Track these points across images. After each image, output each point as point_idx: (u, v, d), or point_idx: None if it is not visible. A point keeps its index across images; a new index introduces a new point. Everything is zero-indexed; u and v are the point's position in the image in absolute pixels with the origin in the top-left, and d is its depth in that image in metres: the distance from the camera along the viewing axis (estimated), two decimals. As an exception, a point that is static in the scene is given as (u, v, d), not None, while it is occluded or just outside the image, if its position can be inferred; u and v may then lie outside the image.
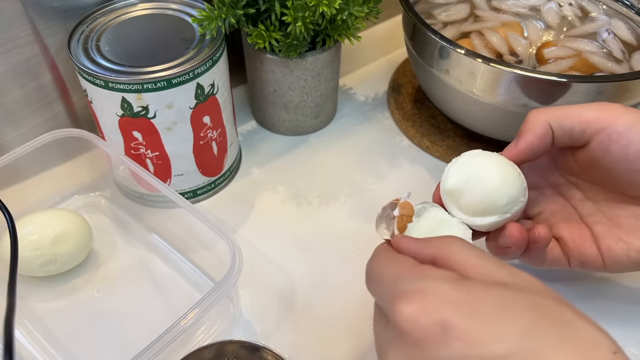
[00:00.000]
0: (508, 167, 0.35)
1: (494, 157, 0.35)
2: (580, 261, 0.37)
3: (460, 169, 0.35)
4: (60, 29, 0.46)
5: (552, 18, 0.53)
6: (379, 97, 0.61)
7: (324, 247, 0.46)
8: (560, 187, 0.39)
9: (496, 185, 0.34)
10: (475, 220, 0.35)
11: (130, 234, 0.47)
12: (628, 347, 0.40)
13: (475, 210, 0.35)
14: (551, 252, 0.37)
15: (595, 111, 0.34)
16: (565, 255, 0.37)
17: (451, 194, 0.35)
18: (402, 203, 0.34)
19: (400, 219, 0.34)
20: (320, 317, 0.41)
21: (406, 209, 0.34)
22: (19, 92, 0.47)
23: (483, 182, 0.34)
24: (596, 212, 0.38)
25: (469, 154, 0.36)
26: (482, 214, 0.35)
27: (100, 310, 0.42)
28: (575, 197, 0.39)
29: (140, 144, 0.44)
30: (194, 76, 0.41)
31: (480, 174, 0.34)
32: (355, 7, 0.45)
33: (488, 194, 0.34)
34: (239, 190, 0.51)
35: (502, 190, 0.34)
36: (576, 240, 0.37)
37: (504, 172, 0.34)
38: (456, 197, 0.35)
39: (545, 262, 0.37)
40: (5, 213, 0.36)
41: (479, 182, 0.34)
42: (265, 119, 0.56)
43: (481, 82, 0.45)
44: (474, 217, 0.35)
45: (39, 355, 0.39)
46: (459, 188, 0.35)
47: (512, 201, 0.34)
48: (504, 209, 0.34)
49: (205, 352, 0.34)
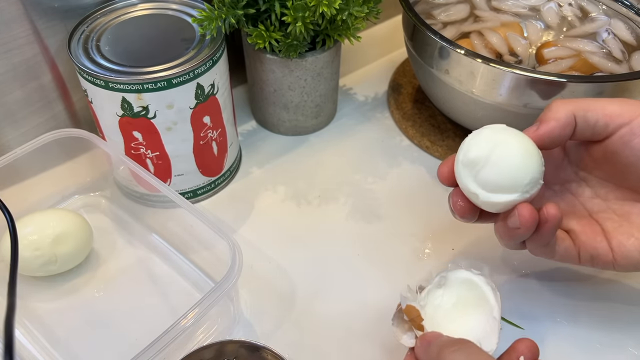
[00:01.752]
0: (531, 146, 0.33)
1: (519, 135, 0.34)
2: (590, 255, 0.36)
3: (485, 140, 0.33)
4: (61, 29, 0.46)
5: (551, 18, 0.53)
6: (379, 97, 0.61)
7: (324, 247, 0.46)
8: (570, 184, 0.39)
9: (520, 163, 0.32)
10: (492, 197, 0.33)
11: (131, 234, 0.47)
12: (628, 347, 0.40)
13: (494, 186, 0.33)
14: (562, 243, 0.36)
15: (619, 106, 0.34)
16: (576, 247, 0.36)
17: (472, 165, 0.33)
18: (405, 310, 0.34)
19: (413, 323, 0.34)
20: (320, 317, 0.41)
21: (412, 312, 0.34)
22: (19, 92, 0.47)
23: (508, 158, 0.32)
24: (606, 209, 0.37)
25: (493, 128, 0.34)
26: (501, 190, 0.33)
27: (100, 310, 0.42)
28: (585, 194, 0.38)
29: (141, 144, 0.44)
30: (194, 76, 0.41)
31: (505, 148, 0.33)
32: (355, 7, 0.45)
33: (511, 170, 0.33)
34: (239, 190, 0.51)
35: (526, 169, 0.33)
36: (587, 234, 0.36)
37: (528, 150, 0.33)
38: (476, 169, 0.33)
39: (556, 254, 0.36)
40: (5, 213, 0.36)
41: (503, 156, 0.32)
42: (265, 119, 0.56)
43: (481, 82, 0.45)
44: (492, 194, 0.33)
45: (39, 355, 0.39)
46: (481, 160, 0.33)
47: (534, 181, 0.33)
48: (525, 188, 0.33)
49: (205, 352, 0.34)
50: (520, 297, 0.42)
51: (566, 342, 0.40)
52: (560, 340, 0.40)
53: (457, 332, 0.33)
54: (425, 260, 0.45)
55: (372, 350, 0.39)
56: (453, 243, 0.46)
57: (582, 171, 0.38)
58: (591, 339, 0.40)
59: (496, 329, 0.34)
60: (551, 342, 0.40)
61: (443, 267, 0.44)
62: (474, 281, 0.35)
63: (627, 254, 0.35)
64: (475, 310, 0.34)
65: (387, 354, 0.39)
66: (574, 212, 0.38)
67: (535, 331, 0.40)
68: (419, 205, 0.49)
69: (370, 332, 0.40)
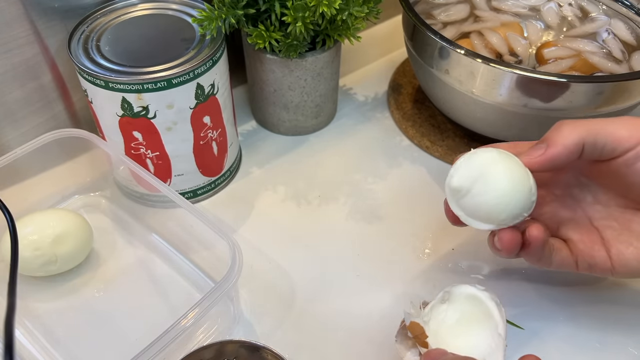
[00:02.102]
0: (520, 179, 0.33)
1: (509, 165, 0.34)
2: (588, 264, 0.36)
3: (469, 171, 0.34)
4: (61, 29, 0.46)
5: (551, 18, 0.53)
6: (379, 97, 0.61)
7: (324, 247, 0.46)
8: (572, 188, 0.39)
9: (499, 200, 0.33)
10: (472, 222, 0.35)
11: (131, 234, 0.47)
12: (628, 347, 0.40)
13: (473, 214, 0.35)
14: (559, 253, 0.37)
15: (627, 129, 0.33)
16: (574, 257, 0.37)
17: (454, 192, 0.35)
18: (409, 326, 0.34)
19: (417, 340, 0.33)
20: (320, 317, 0.41)
21: (416, 329, 0.34)
22: (19, 92, 0.47)
23: (486, 194, 0.33)
24: (607, 217, 0.37)
25: (482, 155, 0.34)
26: (479, 219, 0.35)
27: (100, 310, 0.42)
28: (586, 199, 0.38)
29: (141, 144, 0.44)
30: (194, 76, 0.41)
31: (486, 182, 0.33)
32: (355, 7, 0.45)
33: (489, 206, 0.33)
34: (239, 190, 0.51)
35: (504, 206, 0.33)
36: (585, 242, 0.37)
37: (513, 186, 0.33)
38: (458, 196, 0.35)
39: (553, 264, 0.37)
40: (5, 213, 0.36)
41: (483, 191, 0.33)
42: (265, 119, 0.56)
43: (481, 82, 0.45)
44: (472, 219, 0.35)
45: (39, 355, 0.39)
46: (462, 190, 0.34)
47: (512, 216, 0.34)
48: (501, 222, 0.34)
49: (205, 352, 0.34)
50: (520, 297, 0.42)
51: (566, 342, 0.40)
52: (560, 340, 0.40)
53: (462, 349, 0.32)
54: (425, 260, 0.45)
55: (372, 350, 0.39)
56: (453, 243, 0.46)
57: (584, 177, 0.38)
58: (591, 339, 0.40)
59: (501, 346, 0.33)
60: (551, 342, 0.40)
61: (443, 267, 0.45)
62: (479, 297, 0.35)
63: (626, 263, 0.35)
64: (480, 326, 0.34)
65: (387, 354, 0.39)
66: (574, 220, 0.38)
67: (535, 331, 0.40)
68: (419, 205, 0.49)
69: (370, 332, 0.40)
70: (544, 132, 0.36)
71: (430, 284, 0.43)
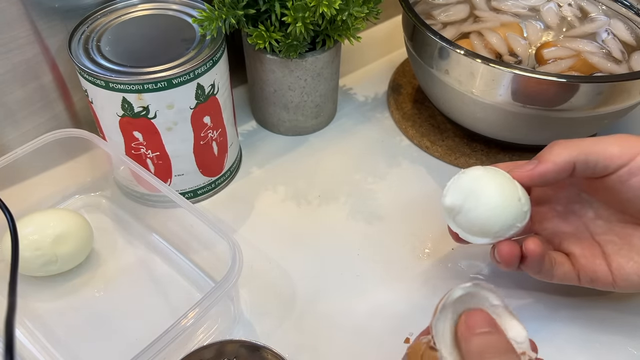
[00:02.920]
0: (509, 191, 0.35)
1: (496, 179, 0.35)
2: (590, 277, 0.37)
3: (460, 189, 0.36)
4: (61, 29, 0.46)
5: (551, 18, 0.53)
6: (379, 97, 0.61)
7: (324, 247, 0.46)
8: (573, 205, 0.39)
9: (490, 213, 0.35)
10: (469, 237, 0.37)
11: (131, 234, 0.47)
12: (628, 347, 0.40)
13: (470, 229, 0.36)
14: (561, 267, 0.38)
15: (619, 146, 0.34)
16: (576, 270, 0.38)
17: (449, 210, 0.37)
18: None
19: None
20: (320, 316, 0.41)
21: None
22: (19, 92, 0.47)
23: (479, 207, 0.35)
24: (608, 231, 0.38)
25: (471, 173, 0.36)
26: (474, 234, 0.36)
27: (100, 310, 0.42)
28: (587, 215, 0.39)
29: (141, 144, 0.44)
30: (195, 76, 0.41)
31: (477, 198, 0.35)
32: (355, 7, 0.45)
33: (480, 221, 0.35)
34: (239, 190, 0.51)
35: (495, 220, 0.35)
36: (587, 257, 0.37)
37: (503, 199, 0.35)
38: (453, 214, 0.36)
39: (555, 277, 0.38)
40: (6, 213, 0.36)
41: (474, 206, 0.35)
42: (265, 119, 0.56)
43: (481, 82, 0.45)
44: (469, 235, 0.37)
45: (40, 355, 0.39)
46: (455, 208, 0.36)
47: (506, 228, 0.35)
48: (496, 235, 0.36)
49: (206, 351, 0.34)
50: (520, 297, 0.42)
51: (566, 342, 0.40)
52: (560, 340, 0.40)
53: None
54: (425, 260, 0.45)
55: (372, 349, 0.39)
56: (453, 243, 0.46)
57: (585, 194, 0.39)
58: (591, 339, 0.40)
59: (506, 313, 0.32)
60: (551, 342, 0.40)
61: (443, 267, 0.45)
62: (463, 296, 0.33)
63: (627, 277, 0.36)
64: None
65: (387, 354, 0.39)
66: (576, 234, 0.39)
67: (536, 331, 0.40)
68: (418, 205, 0.49)
69: (371, 332, 0.40)
70: (543, 132, 0.36)
71: (430, 284, 0.43)
